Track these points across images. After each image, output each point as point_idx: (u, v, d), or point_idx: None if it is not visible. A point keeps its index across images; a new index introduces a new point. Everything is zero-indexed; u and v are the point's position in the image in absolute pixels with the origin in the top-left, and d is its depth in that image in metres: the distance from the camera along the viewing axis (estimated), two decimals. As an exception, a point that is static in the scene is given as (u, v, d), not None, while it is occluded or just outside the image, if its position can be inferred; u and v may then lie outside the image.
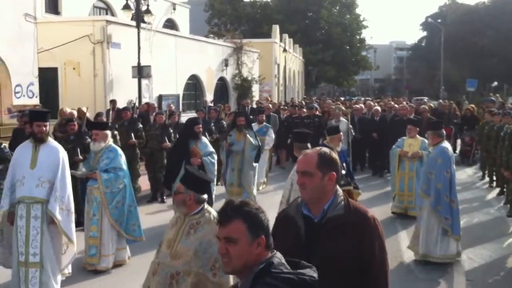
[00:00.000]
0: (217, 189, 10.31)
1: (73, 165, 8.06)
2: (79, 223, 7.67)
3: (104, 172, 7.23)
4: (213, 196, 8.91)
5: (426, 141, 9.86)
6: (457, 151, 17.69)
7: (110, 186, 7.21)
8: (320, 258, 2.77)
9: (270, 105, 18.09)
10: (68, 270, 6.53)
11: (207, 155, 8.80)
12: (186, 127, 9.31)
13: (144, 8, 16.60)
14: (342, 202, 2.93)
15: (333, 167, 2.94)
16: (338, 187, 2.99)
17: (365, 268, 2.86)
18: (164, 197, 11.61)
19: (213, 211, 4.07)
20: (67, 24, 16.72)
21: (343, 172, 6.71)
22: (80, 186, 8.64)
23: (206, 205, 4.12)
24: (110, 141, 7.49)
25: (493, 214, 10.82)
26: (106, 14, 22.84)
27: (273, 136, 13.42)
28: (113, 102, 15.19)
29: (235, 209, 2.34)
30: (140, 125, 11.78)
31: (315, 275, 2.29)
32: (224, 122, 14.06)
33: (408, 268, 7.50)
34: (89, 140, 8.56)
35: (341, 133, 7.82)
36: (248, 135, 10.42)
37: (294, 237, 2.89)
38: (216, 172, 9.39)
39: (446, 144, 7.66)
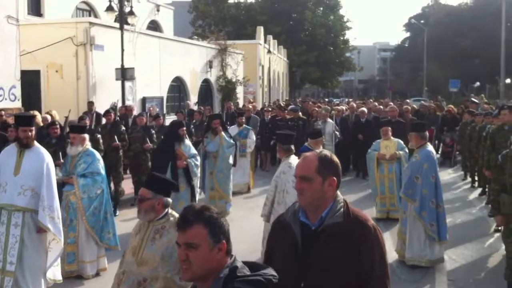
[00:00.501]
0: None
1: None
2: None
3: (81, 177, 7.07)
4: (197, 200, 8.94)
5: (401, 141, 9.96)
6: (439, 152, 17.83)
7: (87, 192, 7.06)
8: (316, 266, 2.68)
9: (251, 106, 18.11)
10: (60, 276, 6.38)
11: (191, 157, 8.84)
12: (170, 130, 9.27)
13: (127, 9, 16.53)
14: (342, 210, 2.77)
15: (334, 172, 2.80)
16: (338, 193, 2.84)
17: (363, 279, 2.71)
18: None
19: (177, 215, 4.02)
20: (50, 26, 16.54)
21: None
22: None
23: (170, 209, 4.09)
24: (87, 145, 7.32)
25: (475, 214, 10.92)
26: (89, 16, 22.66)
27: (254, 137, 13.41)
28: (90, 104, 14.52)
29: (196, 214, 2.29)
30: (123, 128, 11.73)
31: (275, 273, 2.27)
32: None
33: (391, 269, 7.49)
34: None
35: (323, 136, 7.86)
36: (222, 133, 10.56)
37: (290, 245, 2.75)
38: (199, 174, 9.40)
39: (431, 148, 7.69)
